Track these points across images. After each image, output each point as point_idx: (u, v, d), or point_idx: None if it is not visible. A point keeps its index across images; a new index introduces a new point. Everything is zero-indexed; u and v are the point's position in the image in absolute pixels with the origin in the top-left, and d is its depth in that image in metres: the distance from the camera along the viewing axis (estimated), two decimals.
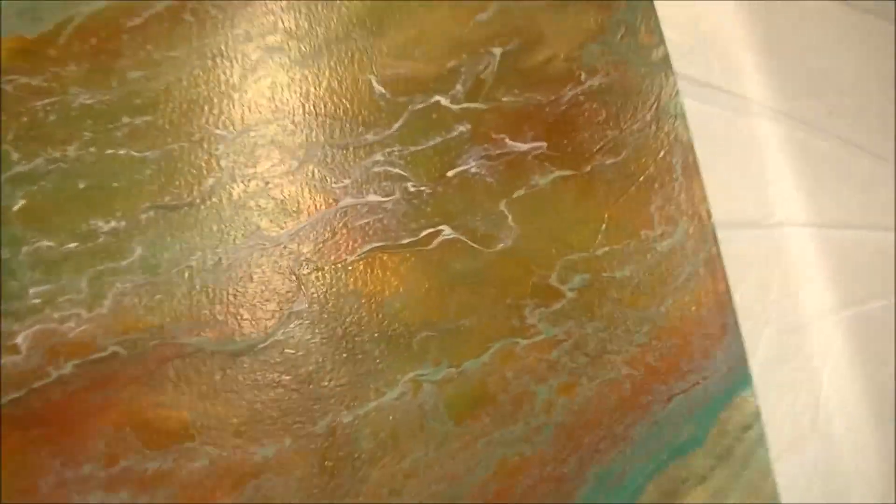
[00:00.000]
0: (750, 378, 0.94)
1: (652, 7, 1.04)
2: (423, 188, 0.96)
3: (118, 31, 0.95)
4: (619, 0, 1.04)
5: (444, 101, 0.99)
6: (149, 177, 0.92)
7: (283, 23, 0.99)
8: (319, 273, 0.92)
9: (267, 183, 0.94)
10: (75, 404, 0.84)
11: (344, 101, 0.98)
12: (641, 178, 0.99)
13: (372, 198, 0.95)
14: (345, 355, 0.90)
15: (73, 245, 0.88)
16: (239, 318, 0.90)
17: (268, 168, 0.94)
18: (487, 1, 1.02)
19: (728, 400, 0.93)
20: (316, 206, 0.94)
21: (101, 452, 0.83)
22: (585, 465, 0.90)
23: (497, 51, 1.00)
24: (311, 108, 0.97)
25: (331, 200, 0.94)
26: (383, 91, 0.98)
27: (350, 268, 0.93)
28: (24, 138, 0.91)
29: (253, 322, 0.90)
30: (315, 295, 0.91)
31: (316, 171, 0.95)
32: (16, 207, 0.88)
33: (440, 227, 0.95)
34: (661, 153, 0.99)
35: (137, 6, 0.96)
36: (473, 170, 0.97)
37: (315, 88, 0.98)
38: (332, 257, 0.93)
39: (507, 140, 0.99)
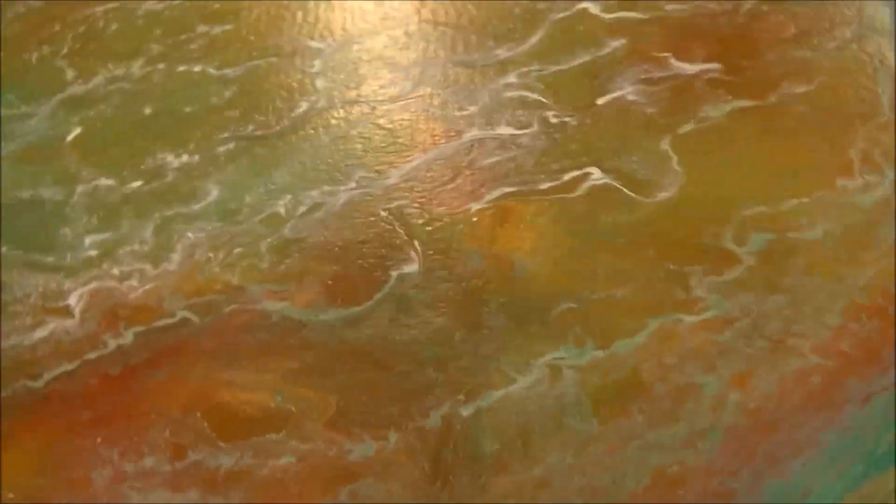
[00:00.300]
0: None
1: None
2: (566, 119, 0.82)
3: None
4: None
5: (593, 8, 0.85)
6: (229, 100, 0.82)
7: None
8: (436, 225, 0.79)
9: (373, 109, 0.82)
10: (137, 381, 0.74)
11: (469, 7, 0.85)
12: (839, 113, 0.83)
13: (503, 130, 0.81)
14: (465, 331, 0.77)
15: (136, 184, 0.79)
16: (335, 280, 0.78)
17: (374, 90, 0.83)
18: None
19: None
20: (433, 139, 0.82)
21: (167, 442, 0.73)
22: (761, 479, 0.76)
23: None
24: (429, 15, 0.85)
25: (452, 133, 0.82)
26: None
27: (474, 219, 0.79)
28: (80, 53, 0.83)
29: (352, 285, 0.78)
30: (430, 252, 0.78)
31: (434, 95, 0.83)
32: (70, 137, 0.80)
33: (588, 170, 0.81)
34: (865, 81, 0.83)
35: None
36: (630, 97, 0.83)
37: None
38: (453, 205, 0.80)
39: (671, 60, 0.84)
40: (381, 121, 0.81)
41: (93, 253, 0.77)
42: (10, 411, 0.73)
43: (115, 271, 0.76)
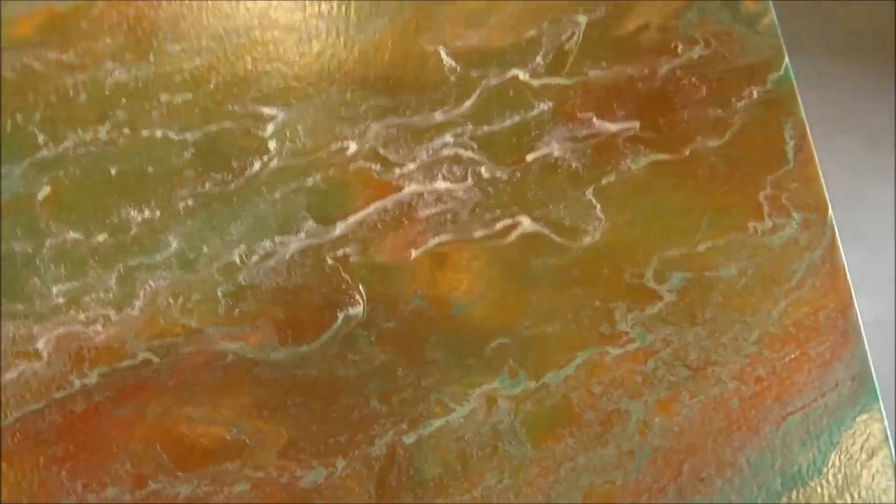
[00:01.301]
0: (876, 393, 0.82)
1: None
2: (498, 174, 0.87)
3: None
4: None
5: (522, 75, 0.90)
6: (188, 161, 0.86)
7: None
8: (378, 271, 0.83)
9: (320, 167, 0.86)
10: (100, 418, 0.78)
11: (408, 73, 0.90)
12: (748, 163, 0.88)
13: (440, 184, 0.86)
14: (407, 365, 0.81)
15: (101, 237, 0.83)
16: (286, 322, 0.82)
17: (321, 150, 0.87)
18: None
19: (851, 420, 0.82)
20: (376, 193, 0.86)
21: (128, 473, 0.76)
22: (686, 496, 0.79)
23: (582, 18, 0.91)
24: (371, 81, 0.89)
25: (393, 187, 0.86)
26: (453, 64, 0.89)
27: (414, 265, 0.84)
28: (51, 119, 0.87)
29: (302, 327, 0.82)
30: (373, 295, 0.83)
31: (376, 153, 0.87)
32: (41, 195, 0.84)
33: (518, 219, 0.86)
34: (771, 134, 0.88)
35: None
36: (556, 153, 0.88)
37: (375, 59, 0.90)
38: (394, 252, 0.84)
39: (594, 119, 0.89)
40: (328, 178, 0.85)
41: (60, 300, 0.80)
42: None
43: (82, 317, 0.80)
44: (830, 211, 0.86)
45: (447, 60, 0.88)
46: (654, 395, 0.80)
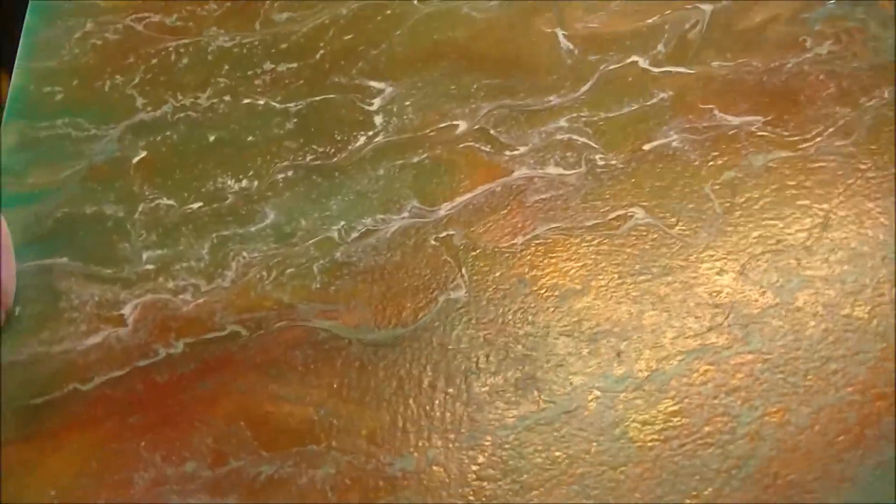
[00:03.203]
0: None
1: None
2: (613, 162, 0.84)
3: None
4: None
5: (642, 62, 0.88)
6: (289, 132, 0.84)
7: None
8: (483, 255, 0.80)
9: (427, 145, 0.84)
10: (183, 390, 0.75)
11: (522, 54, 0.88)
12: (875, 167, 0.83)
13: (552, 170, 0.83)
14: (508, 354, 0.77)
15: (196, 205, 0.81)
16: (384, 302, 0.78)
17: (429, 128, 0.85)
18: None
19: None
20: (484, 175, 0.83)
21: (209, 449, 0.73)
22: None
23: (707, 7, 0.89)
24: (484, 61, 0.88)
25: (503, 170, 0.83)
26: (571, 47, 0.87)
27: (521, 251, 0.80)
28: (151, 83, 0.87)
29: (400, 308, 0.78)
30: (476, 280, 0.79)
31: (487, 134, 0.85)
32: (136, 159, 0.83)
33: (631, 210, 0.82)
34: None
35: None
36: (675, 144, 0.85)
37: (488, 37, 0.88)
38: (500, 237, 0.81)
39: (715, 111, 0.86)
40: (435, 157, 0.83)
41: (150, 267, 0.78)
42: (60, 412, 0.73)
43: (170, 285, 0.78)
44: None
45: (564, 43, 0.86)
46: (765, 401, 0.76)
